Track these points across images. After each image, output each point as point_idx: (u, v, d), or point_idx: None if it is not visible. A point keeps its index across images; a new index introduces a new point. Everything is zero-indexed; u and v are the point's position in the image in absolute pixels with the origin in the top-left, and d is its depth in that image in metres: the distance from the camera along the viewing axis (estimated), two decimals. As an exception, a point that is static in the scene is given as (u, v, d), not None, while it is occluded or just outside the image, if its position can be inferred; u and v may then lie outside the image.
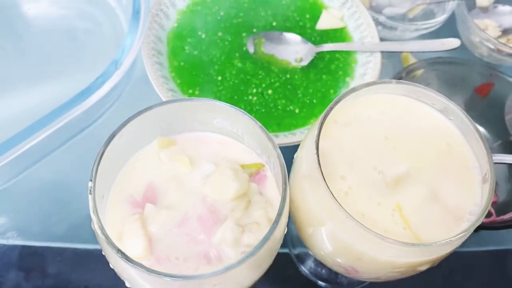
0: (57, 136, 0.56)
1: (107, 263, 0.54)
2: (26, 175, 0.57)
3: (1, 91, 0.63)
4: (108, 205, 0.33)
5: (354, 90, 0.39)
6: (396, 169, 0.39)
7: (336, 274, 0.56)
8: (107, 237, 0.32)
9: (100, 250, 0.55)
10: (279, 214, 0.35)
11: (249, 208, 0.40)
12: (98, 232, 0.32)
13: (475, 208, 0.38)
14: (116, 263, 0.35)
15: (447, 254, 0.38)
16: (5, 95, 0.63)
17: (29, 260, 0.55)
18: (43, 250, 0.56)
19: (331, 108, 0.39)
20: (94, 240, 0.55)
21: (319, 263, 0.56)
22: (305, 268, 0.56)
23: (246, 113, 0.39)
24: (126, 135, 0.38)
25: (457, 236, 0.35)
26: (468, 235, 0.36)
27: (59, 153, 0.59)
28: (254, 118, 0.38)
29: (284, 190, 0.36)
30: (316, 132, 0.37)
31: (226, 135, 0.43)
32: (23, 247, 0.56)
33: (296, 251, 0.57)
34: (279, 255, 0.40)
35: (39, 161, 0.58)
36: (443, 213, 0.38)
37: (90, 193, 0.34)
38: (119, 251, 0.32)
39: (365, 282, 0.56)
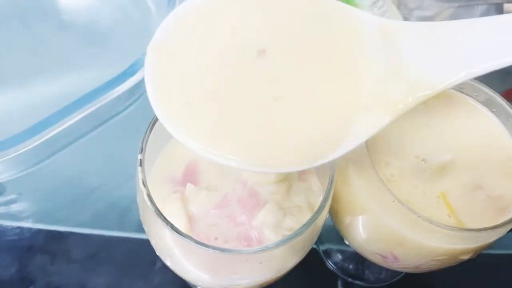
0: (86, 123, 0.56)
1: (134, 249, 0.54)
2: (52, 161, 0.57)
3: (29, 79, 0.63)
4: (149, 184, 0.33)
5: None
6: (440, 157, 0.39)
7: (364, 270, 0.55)
8: (156, 208, 0.32)
9: (126, 237, 0.56)
10: (327, 196, 0.35)
11: (289, 192, 0.40)
12: (148, 203, 0.32)
13: (519, 199, 0.38)
14: (160, 237, 0.34)
15: (490, 244, 0.37)
16: (33, 82, 0.63)
17: (55, 244, 0.55)
18: (68, 235, 0.55)
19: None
20: (119, 227, 0.56)
21: (346, 259, 0.56)
22: (332, 263, 0.56)
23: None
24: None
25: (505, 222, 0.35)
26: (514, 224, 0.36)
27: (86, 140, 0.59)
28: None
29: (332, 174, 0.36)
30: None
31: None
32: (48, 231, 0.56)
33: (324, 247, 0.57)
34: None
35: (66, 147, 0.58)
36: (487, 203, 0.38)
37: (140, 165, 0.33)
38: (168, 222, 0.32)
39: (392, 279, 0.55)
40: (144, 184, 0.33)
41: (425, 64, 0.33)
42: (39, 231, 0.55)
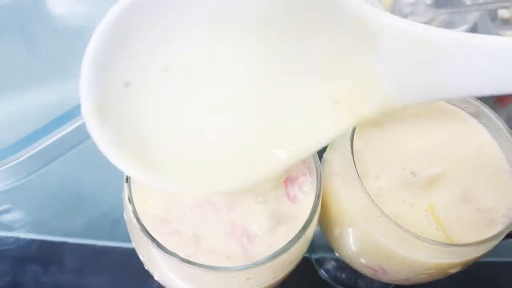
0: (79, 133, 0.56)
1: (126, 259, 0.54)
2: (45, 171, 0.57)
3: (24, 87, 0.63)
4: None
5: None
6: (430, 170, 0.39)
7: (356, 279, 0.55)
8: (142, 225, 0.32)
9: (118, 247, 0.56)
10: (314, 209, 0.35)
11: (283, 201, 0.39)
12: (134, 220, 0.32)
13: (508, 211, 0.38)
14: (147, 252, 0.34)
15: (478, 257, 0.37)
16: (27, 90, 0.63)
17: (47, 254, 0.55)
18: (61, 245, 0.56)
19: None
20: (112, 237, 0.56)
21: (339, 268, 0.56)
22: (325, 272, 0.56)
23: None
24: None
25: (492, 237, 0.35)
26: (502, 237, 0.36)
27: (78, 149, 0.59)
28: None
29: (318, 188, 0.36)
30: (350, 129, 0.37)
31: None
32: (42, 241, 0.56)
33: (317, 255, 0.57)
34: None
35: (59, 158, 0.58)
36: (476, 215, 0.38)
37: (126, 182, 0.33)
38: (154, 240, 0.32)
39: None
40: (130, 201, 0.33)
41: (401, 76, 0.31)
42: (32, 241, 0.56)
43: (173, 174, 0.31)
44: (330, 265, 0.56)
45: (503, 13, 0.73)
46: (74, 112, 0.53)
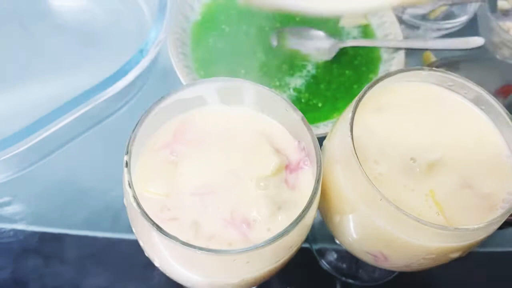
0: (79, 124, 0.56)
1: (127, 251, 0.54)
2: (45, 163, 0.57)
3: (24, 80, 0.63)
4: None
5: (388, 75, 0.39)
6: (429, 155, 0.39)
7: (357, 269, 0.55)
8: (142, 209, 0.32)
9: (119, 239, 0.56)
10: (314, 195, 0.35)
11: (283, 187, 0.39)
12: (134, 204, 0.32)
13: (508, 196, 0.38)
14: (148, 237, 0.34)
15: (479, 241, 0.37)
16: (28, 83, 0.63)
17: (48, 246, 0.55)
18: (62, 237, 0.56)
19: (365, 92, 0.38)
20: (113, 228, 0.56)
21: (340, 258, 0.56)
22: (326, 263, 0.56)
23: (277, 92, 0.39)
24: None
25: (491, 221, 0.35)
26: (502, 221, 0.36)
27: (79, 141, 0.59)
28: (286, 98, 0.39)
29: (318, 173, 0.36)
30: (350, 114, 0.37)
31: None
32: (42, 233, 0.56)
33: (317, 246, 0.57)
34: (300, 249, 0.39)
35: (60, 149, 0.58)
36: (476, 200, 0.38)
37: (126, 166, 0.33)
38: (154, 224, 0.32)
39: (386, 278, 0.55)
40: (130, 186, 0.33)
41: None
42: (33, 233, 0.56)
43: None
44: (331, 255, 0.56)
45: (502, 4, 0.73)
46: (73, 103, 0.53)
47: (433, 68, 0.42)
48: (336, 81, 0.61)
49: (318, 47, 0.63)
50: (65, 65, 0.64)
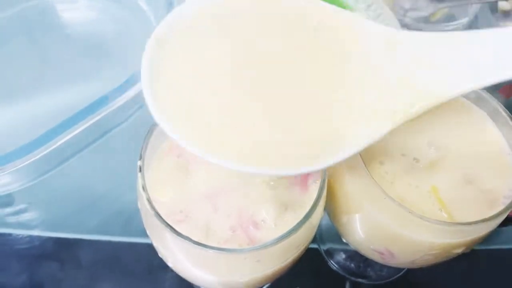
0: (91, 132, 0.57)
1: (141, 254, 0.56)
2: (59, 170, 0.59)
3: (36, 91, 0.65)
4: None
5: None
6: (431, 152, 0.40)
7: (365, 268, 0.57)
8: (156, 211, 0.33)
9: (133, 243, 0.57)
10: (320, 194, 0.36)
11: (291, 187, 0.41)
12: (148, 207, 0.34)
13: (510, 192, 0.39)
14: (161, 239, 0.36)
15: (482, 237, 0.38)
16: (40, 94, 0.65)
17: (64, 251, 0.57)
18: (77, 242, 0.57)
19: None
20: (126, 232, 0.58)
21: (348, 257, 0.57)
22: (334, 263, 0.57)
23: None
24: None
25: (493, 216, 0.36)
26: (504, 216, 0.37)
27: (92, 149, 0.60)
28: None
29: (324, 173, 0.37)
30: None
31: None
32: (57, 239, 0.57)
33: (326, 247, 0.58)
34: (308, 250, 0.41)
35: (72, 157, 0.59)
36: (478, 196, 0.39)
37: (140, 171, 0.35)
38: (168, 225, 0.33)
39: (394, 276, 0.56)
40: (144, 189, 0.34)
41: (432, 74, 0.33)
42: (49, 239, 0.57)
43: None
44: (340, 255, 0.57)
45: (503, 5, 0.74)
46: (86, 112, 0.54)
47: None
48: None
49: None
50: (76, 75, 0.66)
